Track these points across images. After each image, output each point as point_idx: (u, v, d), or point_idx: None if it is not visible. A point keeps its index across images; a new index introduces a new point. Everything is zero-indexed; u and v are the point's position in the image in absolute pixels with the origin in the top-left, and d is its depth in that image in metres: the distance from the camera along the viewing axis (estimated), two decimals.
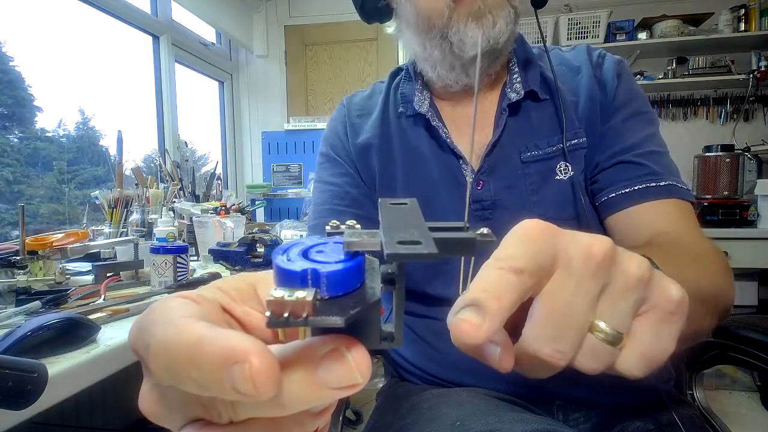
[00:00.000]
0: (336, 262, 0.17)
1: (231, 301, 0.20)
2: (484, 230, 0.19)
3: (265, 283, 0.21)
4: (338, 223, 0.21)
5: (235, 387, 0.14)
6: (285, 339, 0.18)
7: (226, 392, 0.15)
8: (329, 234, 0.20)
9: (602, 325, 0.23)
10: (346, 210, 0.71)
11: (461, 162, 0.67)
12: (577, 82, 0.68)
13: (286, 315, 0.15)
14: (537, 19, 0.71)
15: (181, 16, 2.23)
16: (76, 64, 1.72)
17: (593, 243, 0.22)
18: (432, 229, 0.18)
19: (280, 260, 0.17)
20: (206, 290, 0.20)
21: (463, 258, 0.22)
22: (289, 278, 0.16)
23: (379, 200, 0.21)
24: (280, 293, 0.15)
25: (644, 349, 0.23)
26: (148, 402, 0.19)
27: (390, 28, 0.75)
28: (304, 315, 0.15)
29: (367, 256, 0.18)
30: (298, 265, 0.17)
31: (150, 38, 2.08)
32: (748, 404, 1.89)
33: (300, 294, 0.15)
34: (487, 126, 0.68)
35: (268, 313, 0.15)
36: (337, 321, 0.15)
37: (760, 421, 1.77)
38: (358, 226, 0.20)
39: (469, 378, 0.63)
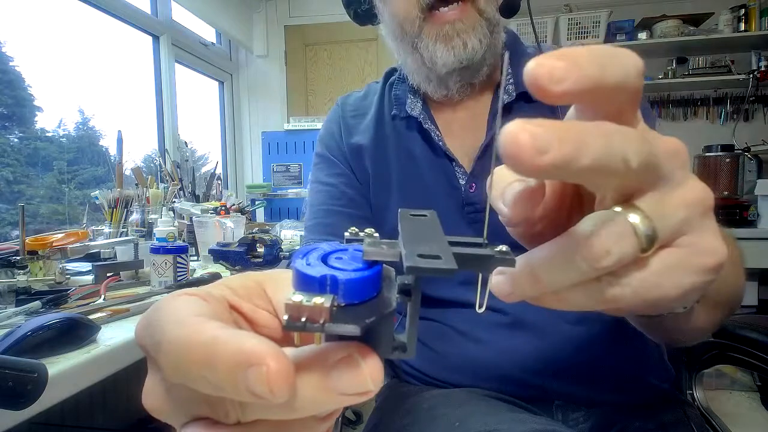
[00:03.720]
0: (354, 270, 0.17)
1: (239, 299, 0.20)
2: (503, 248, 0.19)
3: (272, 282, 0.21)
4: (357, 230, 0.21)
5: (250, 389, 0.14)
6: (300, 343, 0.18)
7: (240, 394, 0.15)
8: (348, 241, 0.20)
9: (638, 216, 0.19)
10: (342, 210, 0.71)
11: (454, 164, 0.67)
12: None
13: (303, 320, 0.15)
14: (532, 22, 0.70)
15: (181, 16, 2.23)
16: (76, 64, 1.72)
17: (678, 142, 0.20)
18: (450, 243, 0.18)
19: (299, 264, 0.17)
20: (213, 287, 0.20)
21: (480, 276, 0.21)
22: (307, 283, 0.17)
23: (399, 211, 0.21)
24: (299, 298, 0.16)
25: (651, 281, 0.19)
26: (152, 398, 0.19)
27: (383, 30, 0.75)
28: (321, 321, 0.15)
29: (384, 264, 0.18)
30: (318, 270, 0.17)
31: (150, 38, 2.08)
32: (748, 404, 1.88)
33: (318, 300, 0.16)
34: (480, 128, 0.68)
35: (285, 317, 0.16)
36: (353, 330, 0.15)
37: (760, 421, 1.77)
38: (377, 234, 0.20)
39: (468, 379, 0.63)
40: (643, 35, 2.43)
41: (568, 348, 0.60)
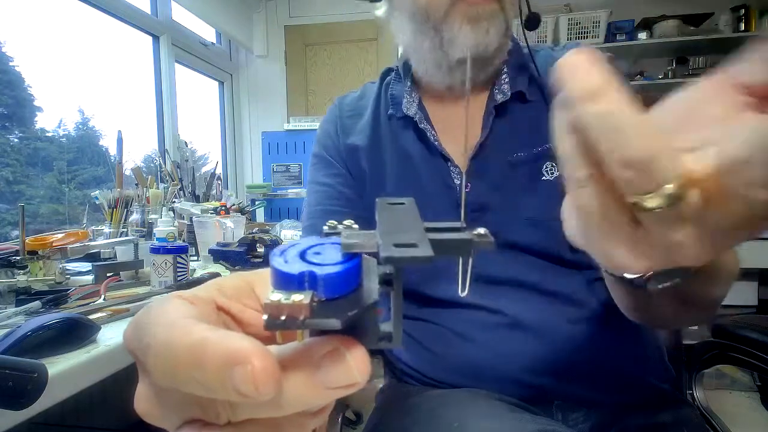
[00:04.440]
0: (333, 264, 0.17)
1: (227, 299, 0.20)
2: (481, 230, 0.18)
3: (262, 282, 0.21)
4: (336, 223, 0.21)
5: (236, 388, 0.14)
6: (283, 341, 0.18)
7: (228, 393, 0.15)
8: (327, 234, 0.20)
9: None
10: (340, 210, 0.71)
11: (449, 164, 0.67)
12: None
13: (283, 318, 0.15)
14: (524, 34, 0.71)
15: (181, 16, 2.23)
16: (76, 64, 1.72)
17: None
18: (428, 230, 0.18)
19: (276, 262, 0.17)
20: (201, 290, 0.20)
21: (461, 259, 0.21)
22: (285, 280, 0.17)
23: (377, 200, 0.21)
24: (277, 296, 0.16)
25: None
26: (143, 402, 0.19)
27: (379, 10, 0.74)
28: (301, 318, 0.15)
29: (364, 255, 0.18)
30: (295, 267, 0.17)
31: (150, 38, 2.08)
32: (748, 404, 1.88)
33: (297, 297, 0.15)
34: (475, 128, 0.68)
35: (265, 317, 0.16)
36: (334, 323, 0.15)
37: (760, 421, 1.77)
38: (356, 226, 0.20)
39: (467, 380, 0.63)
40: (643, 35, 2.43)
41: (568, 348, 0.60)
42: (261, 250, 1.13)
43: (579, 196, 0.21)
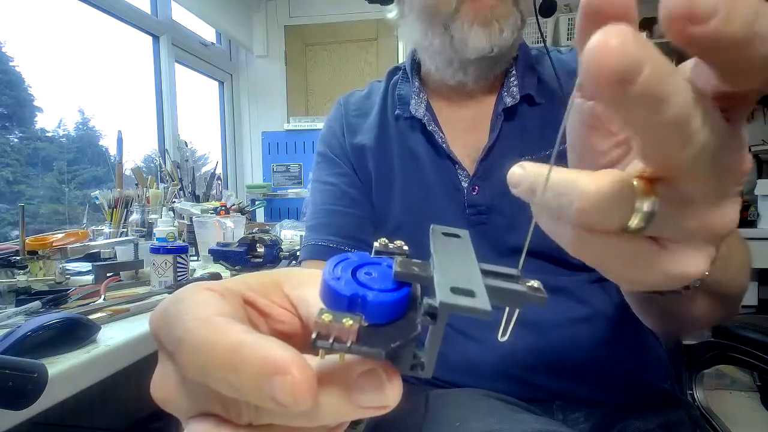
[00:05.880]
0: (384, 291, 0.17)
1: (254, 294, 0.20)
2: (534, 283, 0.18)
3: (289, 280, 0.22)
4: (386, 241, 0.21)
5: (273, 396, 0.14)
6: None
7: (263, 400, 0.15)
8: (378, 252, 0.20)
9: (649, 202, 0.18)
10: (344, 210, 0.71)
11: (457, 167, 0.67)
12: (572, 84, 0.67)
13: (331, 340, 0.16)
14: (537, 21, 0.70)
15: (181, 16, 2.23)
16: (76, 64, 1.72)
17: None
18: (483, 273, 0.18)
19: (329, 277, 0.18)
20: (231, 283, 0.20)
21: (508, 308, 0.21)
22: (336, 298, 0.17)
23: (432, 227, 0.21)
24: (329, 317, 0.16)
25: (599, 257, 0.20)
26: (162, 389, 0.19)
27: (391, 13, 0.74)
28: (349, 343, 0.16)
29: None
30: (348, 287, 0.17)
31: (150, 38, 2.08)
32: (748, 404, 1.88)
33: (347, 322, 0.16)
34: (483, 130, 0.68)
35: (314, 335, 0.16)
36: (378, 353, 0.16)
37: (760, 421, 1.77)
38: (406, 247, 0.20)
39: (468, 379, 0.63)
40: (643, 35, 2.43)
41: (569, 348, 0.60)
42: (261, 250, 1.13)
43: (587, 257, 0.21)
